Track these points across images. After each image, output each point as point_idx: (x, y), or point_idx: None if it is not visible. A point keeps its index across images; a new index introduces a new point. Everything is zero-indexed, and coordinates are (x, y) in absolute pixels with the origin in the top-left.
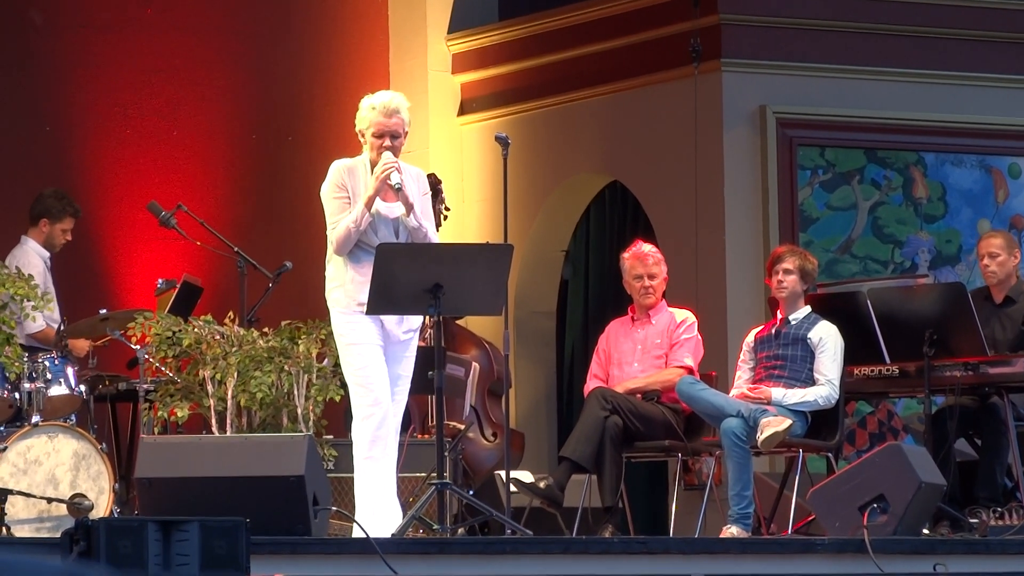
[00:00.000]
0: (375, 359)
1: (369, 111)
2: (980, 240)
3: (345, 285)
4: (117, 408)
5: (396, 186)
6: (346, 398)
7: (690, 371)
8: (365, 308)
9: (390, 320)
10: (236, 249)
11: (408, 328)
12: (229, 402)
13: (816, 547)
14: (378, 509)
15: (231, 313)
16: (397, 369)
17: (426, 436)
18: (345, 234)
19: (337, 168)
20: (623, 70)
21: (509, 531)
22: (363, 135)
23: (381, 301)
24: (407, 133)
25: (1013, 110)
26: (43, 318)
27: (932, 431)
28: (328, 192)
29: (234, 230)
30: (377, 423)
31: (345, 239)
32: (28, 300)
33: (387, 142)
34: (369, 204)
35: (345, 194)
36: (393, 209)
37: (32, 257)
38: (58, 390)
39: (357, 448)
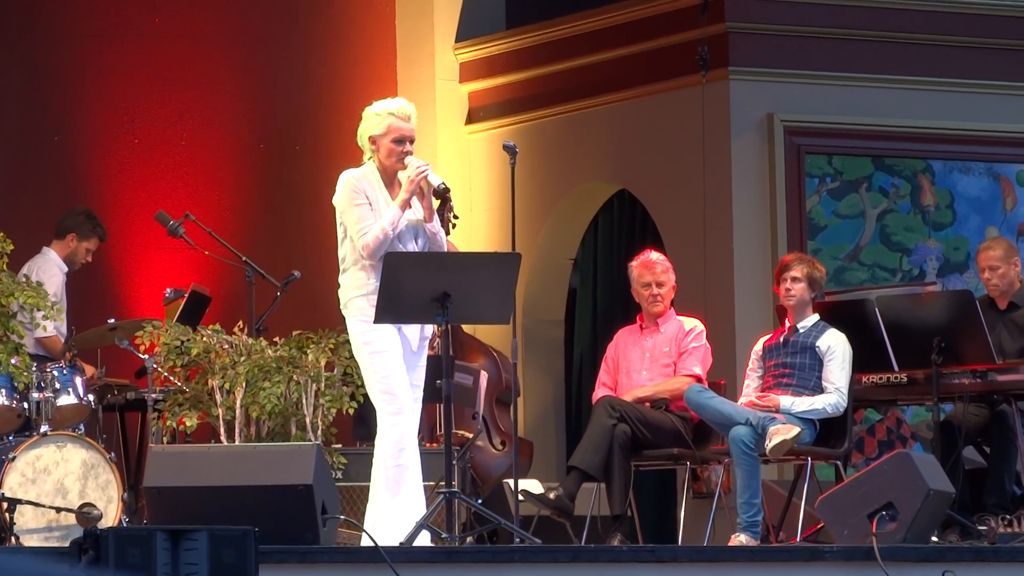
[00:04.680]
0: (399, 367)
1: (385, 116)
2: (978, 252)
3: (369, 294)
4: (126, 417)
5: (440, 186)
6: (358, 408)
7: (698, 379)
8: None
9: (410, 328)
10: (244, 258)
11: (425, 336)
12: (238, 411)
13: (825, 555)
14: (412, 515)
15: (240, 322)
16: (412, 378)
17: (435, 445)
18: (383, 237)
19: (350, 177)
20: (630, 78)
21: (518, 540)
22: (375, 141)
23: (389, 310)
24: None
25: (1021, 118)
26: (52, 326)
27: (940, 438)
28: (348, 200)
29: (242, 239)
30: (403, 430)
31: (383, 242)
32: (38, 310)
33: (407, 146)
34: (403, 207)
35: (365, 200)
36: (410, 214)
37: (53, 268)
38: (67, 400)
39: (385, 456)
